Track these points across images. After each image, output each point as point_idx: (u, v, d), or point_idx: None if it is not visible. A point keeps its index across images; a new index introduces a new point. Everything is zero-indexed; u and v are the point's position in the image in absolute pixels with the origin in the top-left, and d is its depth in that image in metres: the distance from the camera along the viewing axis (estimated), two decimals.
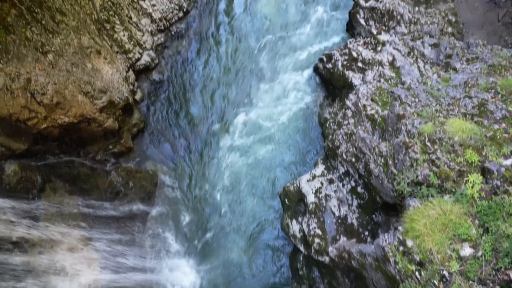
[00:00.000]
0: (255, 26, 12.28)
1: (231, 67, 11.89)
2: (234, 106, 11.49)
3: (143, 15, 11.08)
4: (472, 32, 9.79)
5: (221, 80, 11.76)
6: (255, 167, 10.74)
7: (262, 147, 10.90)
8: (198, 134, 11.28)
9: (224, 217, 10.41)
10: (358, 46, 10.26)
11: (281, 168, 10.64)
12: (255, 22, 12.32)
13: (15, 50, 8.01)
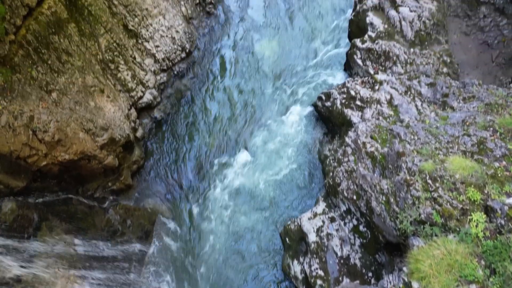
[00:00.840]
0: (255, 66, 12.62)
1: (232, 106, 12.09)
2: (234, 144, 11.56)
3: (147, 55, 11.42)
4: (467, 72, 10.03)
5: (221, 119, 11.92)
6: (255, 205, 10.61)
7: (263, 184, 10.83)
8: (197, 172, 11.25)
9: (224, 257, 10.13)
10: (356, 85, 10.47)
11: (282, 206, 10.51)
12: (255, 62, 12.68)
13: (20, 89, 8.17)
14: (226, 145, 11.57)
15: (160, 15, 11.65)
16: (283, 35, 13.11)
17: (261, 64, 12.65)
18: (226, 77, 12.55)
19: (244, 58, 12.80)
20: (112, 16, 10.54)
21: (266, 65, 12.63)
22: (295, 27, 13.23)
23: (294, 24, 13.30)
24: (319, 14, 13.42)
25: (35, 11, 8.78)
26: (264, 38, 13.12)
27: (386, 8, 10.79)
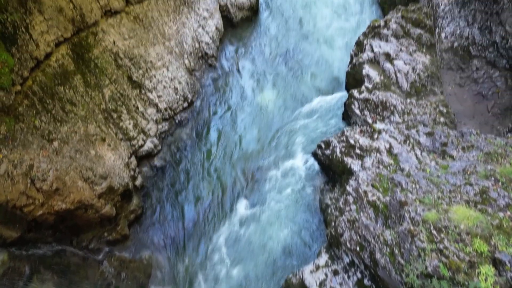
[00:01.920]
0: (255, 116, 12.85)
1: (231, 155, 12.13)
2: (234, 194, 11.44)
3: (149, 105, 11.68)
4: (464, 122, 10.19)
5: (222, 168, 11.91)
6: (254, 258, 10.25)
7: (263, 236, 10.54)
8: (195, 224, 11.02)
9: None
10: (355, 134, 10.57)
11: (283, 258, 10.15)
12: (255, 112, 12.93)
13: (22, 138, 8.25)
14: (226, 195, 11.44)
15: (164, 67, 12.08)
16: (283, 86, 13.49)
17: (260, 113, 12.89)
18: (226, 127, 12.73)
19: (244, 108, 13.07)
20: (117, 68, 10.93)
21: (265, 115, 12.86)
22: (294, 78, 13.65)
23: (293, 76, 13.73)
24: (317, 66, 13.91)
25: (43, 64, 9.13)
26: (264, 89, 13.49)
27: (381, 61, 11.19)
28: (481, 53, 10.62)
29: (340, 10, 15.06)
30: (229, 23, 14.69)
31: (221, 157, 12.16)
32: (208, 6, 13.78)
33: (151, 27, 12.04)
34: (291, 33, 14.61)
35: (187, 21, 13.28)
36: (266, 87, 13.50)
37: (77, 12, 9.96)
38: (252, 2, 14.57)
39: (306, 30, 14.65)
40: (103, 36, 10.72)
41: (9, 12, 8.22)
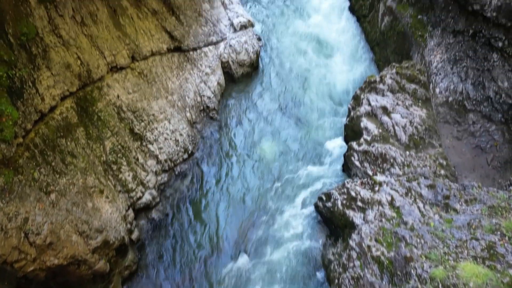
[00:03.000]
0: (255, 168, 12.84)
1: (231, 207, 11.94)
2: (233, 248, 11.08)
3: (149, 157, 11.71)
4: (465, 175, 10.17)
5: (220, 221, 11.66)
6: None
7: None
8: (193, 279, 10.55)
9: None
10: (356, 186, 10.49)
11: None
12: (255, 164, 12.94)
13: (19, 190, 8.16)
14: (225, 249, 11.08)
15: (165, 120, 12.30)
16: (282, 138, 13.65)
17: (261, 165, 12.90)
18: (226, 179, 12.66)
19: (245, 159, 13.10)
20: (120, 121, 11.12)
21: (266, 167, 12.86)
22: (294, 130, 13.85)
23: (293, 128, 13.95)
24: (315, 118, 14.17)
25: (47, 117, 9.30)
26: (264, 141, 13.63)
27: (378, 115, 11.42)
28: (476, 108, 10.88)
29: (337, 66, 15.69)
30: (230, 78, 15.21)
31: (220, 208, 11.96)
32: (211, 63, 14.36)
33: (155, 82, 12.45)
34: (289, 87, 15.08)
35: (190, 77, 13.77)
36: (266, 139, 13.64)
37: (84, 68, 10.36)
38: (253, 59, 15.21)
39: (305, 85, 15.13)
40: (108, 91, 11.04)
41: (18, 68, 8.54)
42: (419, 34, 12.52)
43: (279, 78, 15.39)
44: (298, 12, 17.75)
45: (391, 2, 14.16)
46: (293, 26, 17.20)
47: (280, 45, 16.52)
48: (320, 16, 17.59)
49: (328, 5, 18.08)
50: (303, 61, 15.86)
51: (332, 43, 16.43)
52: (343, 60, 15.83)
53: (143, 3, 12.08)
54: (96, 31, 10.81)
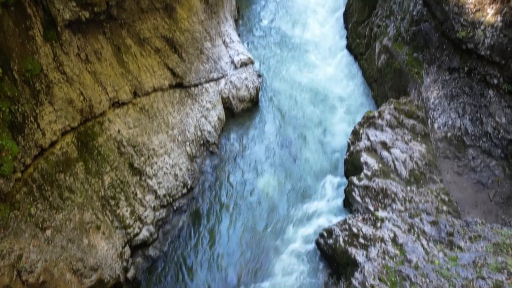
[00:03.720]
0: (255, 203, 12.68)
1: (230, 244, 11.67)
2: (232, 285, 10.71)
3: (148, 192, 11.60)
4: (467, 211, 10.03)
5: (219, 257, 11.36)
6: None
7: None
8: None
9: None
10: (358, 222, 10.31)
11: None
12: (255, 200, 12.79)
13: (15, 226, 8.00)
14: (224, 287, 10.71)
15: (165, 154, 12.30)
16: (282, 173, 13.58)
17: (260, 201, 12.74)
18: (225, 215, 12.48)
19: (244, 194, 12.96)
20: (119, 155, 11.12)
21: (265, 202, 12.71)
22: (294, 165, 13.81)
23: (293, 163, 13.92)
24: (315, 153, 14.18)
25: (47, 151, 9.30)
26: (263, 176, 13.56)
27: (378, 150, 11.44)
28: (476, 143, 10.91)
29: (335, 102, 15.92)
30: (230, 113, 15.39)
31: (219, 246, 11.68)
32: (211, 98, 14.58)
33: (155, 116, 12.57)
34: (289, 123, 15.22)
35: (191, 112, 13.93)
36: (265, 174, 13.58)
37: (87, 104, 10.49)
38: (253, 94, 15.46)
39: (304, 120, 15.28)
40: (109, 125, 11.13)
41: (21, 103, 8.65)
42: (415, 71, 12.81)
43: (278, 114, 15.57)
44: (297, 51, 18.26)
45: (387, 41, 14.60)
46: (293, 63, 17.63)
47: (280, 82, 16.86)
48: (319, 54, 18.10)
49: (326, 43, 18.66)
50: (302, 97, 16.12)
51: (330, 80, 16.78)
52: (341, 96, 16.10)
53: (147, 42, 12.44)
54: (100, 68, 11.05)
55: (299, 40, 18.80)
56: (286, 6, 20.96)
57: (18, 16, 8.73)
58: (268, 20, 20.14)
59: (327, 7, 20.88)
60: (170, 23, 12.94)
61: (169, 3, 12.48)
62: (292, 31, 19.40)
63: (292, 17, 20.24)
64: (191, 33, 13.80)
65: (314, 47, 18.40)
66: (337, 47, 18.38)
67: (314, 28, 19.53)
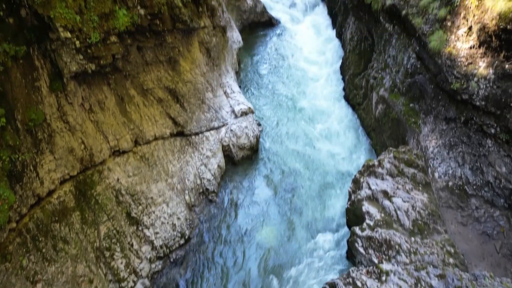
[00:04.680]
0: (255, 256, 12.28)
1: None
2: None
3: (145, 242, 11.28)
4: (475, 264, 9.67)
5: None
6: None
7: None
8: None
9: None
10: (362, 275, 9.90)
11: None
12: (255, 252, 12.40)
13: (5, 280, 7.68)
14: None
15: (164, 203, 12.13)
16: (283, 222, 13.31)
17: (260, 253, 12.35)
18: (223, 267, 12.02)
19: (244, 247, 12.59)
20: (117, 204, 10.96)
21: (265, 254, 12.30)
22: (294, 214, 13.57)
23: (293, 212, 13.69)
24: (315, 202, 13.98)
25: (44, 200, 9.18)
26: (263, 225, 13.26)
27: (379, 199, 11.29)
28: (478, 192, 10.80)
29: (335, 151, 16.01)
30: (230, 161, 15.42)
31: None
32: (212, 146, 14.68)
33: (155, 165, 12.57)
34: (288, 172, 15.19)
35: (191, 160, 13.95)
36: (265, 224, 13.30)
37: (87, 152, 10.54)
38: (253, 143, 15.59)
39: (304, 169, 15.26)
40: (108, 174, 11.09)
41: (22, 152, 8.68)
42: (413, 121, 13.02)
43: (278, 162, 15.59)
44: (296, 101, 18.71)
45: (383, 91, 14.99)
46: (292, 112, 17.99)
47: (279, 131, 17.07)
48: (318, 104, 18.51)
49: (324, 94, 19.16)
50: (301, 146, 16.24)
51: (329, 130, 17.02)
52: (341, 145, 16.22)
53: (150, 92, 12.78)
54: (103, 117, 11.24)
55: (298, 91, 19.33)
56: (285, 59, 21.81)
57: (26, 68, 9.05)
58: (268, 72, 20.86)
59: (324, 59, 21.73)
60: (173, 75, 13.37)
61: (173, 56, 12.99)
62: (291, 82, 20.02)
63: (291, 69, 20.99)
64: (193, 84, 14.21)
65: (313, 98, 18.88)
66: (335, 97, 18.86)
67: (312, 80, 20.18)
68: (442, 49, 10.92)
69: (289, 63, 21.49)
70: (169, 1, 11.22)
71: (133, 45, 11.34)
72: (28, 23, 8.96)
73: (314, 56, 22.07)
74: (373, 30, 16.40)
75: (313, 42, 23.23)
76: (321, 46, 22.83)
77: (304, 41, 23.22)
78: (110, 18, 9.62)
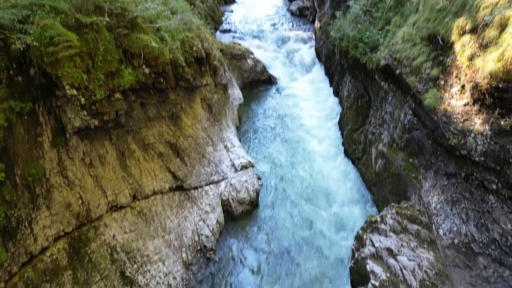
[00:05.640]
0: None
1: None
2: None
3: None
4: None
5: None
6: None
7: None
8: None
9: None
10: None
11: None
12: None
13: None
14: None
15: (160, 261, 11.68)
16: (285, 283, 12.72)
17: None
18: None
19: None
20: (111, 262, 10.55)
21: None
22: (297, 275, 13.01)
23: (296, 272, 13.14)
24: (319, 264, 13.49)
25: (36, 258, 8.85)
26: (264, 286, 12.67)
27: (384, 257, 10.89)
28: (485, 251, 10.44)
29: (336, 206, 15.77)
30: (230, 216, 15.12)
31: None
32: (211, 201, 14.49)
33: (153, 221, 12.31)
34: (289, 228, 14.84)
35: (189, 215, 13.69)
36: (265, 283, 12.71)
37: (84, 208, 10.37)
38: (252, 197, 15.41)
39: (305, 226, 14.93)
40: (104, 230, 10.81)
41: (18, 208, 8.53)
42: (413, 176, 12.98)
43: (279, 218, 15.29)
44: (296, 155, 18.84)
45: (382, 146, 15.14)
46: (292, 167, 18.01)
47: (280, 185, 16.97)
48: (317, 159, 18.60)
49: (324, 149, 19.34)
50: (302, 202, 16.04)
51: (330, 185, 16.92)
52: (342, 201, 16.03)
53: (151, 147, 12.89)
54: (102, 171, 11.23)
55: (298, 145, 19.53)
56: (284, 115, 22.32)
57: (30, 124, 9.21)
58: (268, 127, 21.23)
59: (322, 115, 22.24)
60: (174, 130, 13.58)
61: (175, 112, 13.29)
62: (290, 136, 20.30)
63: (290, 124, 21.40)
64: (194, 138, 14.39)
65: (313, 152, 19.02)
66: (335, 152, 19.01)
67: (311, 135, 20.48)
68: (437, 106, 11.20)
69: (288, 118, 21.96)
70: (173, 60, 11.72)
71: (136, 101, 11.65)
72: (36, 81, 9.29)
73: (313, 112, 22.62)
74: (369, 87, 16.97)
75: (311, 99, 23.96)
76: (319, 103, 23.50)
77: (303, 98, 23.95)
78: (116, 77, 9.99)
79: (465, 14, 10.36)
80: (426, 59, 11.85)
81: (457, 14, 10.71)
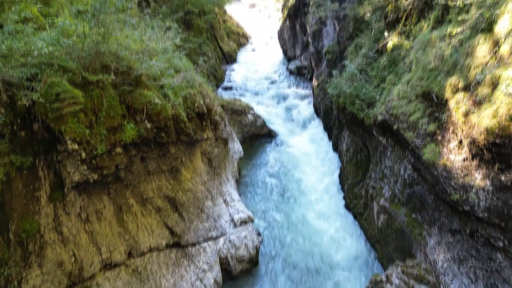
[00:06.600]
0: None
1: None
2: None
3: None
4: None
5: None
6: None
7: None
8: None
9: None
10: None
11: None
12: None
13: None
14: None
15: None
16: None
17: None
18: None
19: None
20: None
21: None
22: None
23: None
24: None
25: None
26: None
27: None
28: None
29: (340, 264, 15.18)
30: (228, 275, 14.47)
31: None
32: (209, 259, 13.97)
33: (148, 280, 11.76)
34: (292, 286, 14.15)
35: (186, 274, 13.11)
36: None
37: (77, 266, 9.97)
38: (252, 254, 14.87)
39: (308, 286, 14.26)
40: None
41: (8, 266, 8.20)
42: (417, 232, 12.66)
43: (280, 279, 14.63)
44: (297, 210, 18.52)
45: (384, 201, 14.94)
46: (293, 222, 17.62)
47: (280, 241, 16.49)
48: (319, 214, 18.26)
49: (325, 203, 19.06)
50: (304, 260, 15.46)
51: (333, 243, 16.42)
52: (346, 258, 15.46)
53: (149, 201, 12.71)
54: (98, 227, 10.96)
55: (298, 200, 19.27)
56: (284, 169, 22.32)
57: (28, 178, 9.16)
58: (267, 180, 21.12)
59: (322, 170, 22.24)
60: (174, 184, 13.49)
61: (175, 165, 13.30)
62: (291, 191, 20.11)
63: (289, 178, 21.31)
64: (193, 192, 14.24)
65: (314, 207, 18.72)
66: (336, 207, 18.71)
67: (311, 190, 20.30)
68: (436, 161, 11.24)
69: (287, 172, 21.92)
70: (175, 116, 11.97)
71: (137, 155, 11.71)
72: (39, 136, 9.40)
73: (312, 166, 22.65)
74: (368, 142, 17.16)
75: (310, 153, 24.13)
76: (318, 157, 23.62)
77: (302, 152, 24.12)
78: (118, 131, 10.13)
79: (457, 73, 10.78)
80: (422, 115, 12.11)
81: (449, 73, 11.15)
